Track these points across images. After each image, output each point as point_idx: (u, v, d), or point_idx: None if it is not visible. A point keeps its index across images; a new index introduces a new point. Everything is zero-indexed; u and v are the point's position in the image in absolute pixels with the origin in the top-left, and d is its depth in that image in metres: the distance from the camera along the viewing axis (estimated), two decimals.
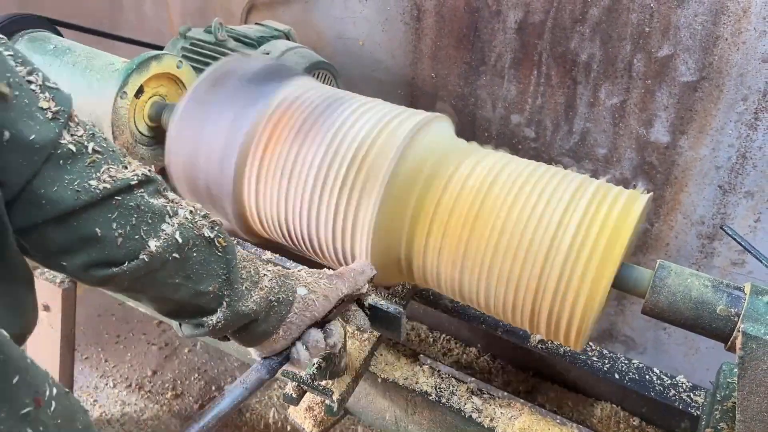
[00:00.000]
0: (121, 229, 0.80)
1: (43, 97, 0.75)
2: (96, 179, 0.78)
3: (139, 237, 0.82)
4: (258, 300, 0.95)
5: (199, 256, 0.89)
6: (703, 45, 1.67)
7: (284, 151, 1.23)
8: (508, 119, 2.07)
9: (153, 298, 0.90)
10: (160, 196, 0.86)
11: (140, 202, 0.82)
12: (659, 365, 2.26)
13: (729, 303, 1.02)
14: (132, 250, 0.81)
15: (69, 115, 0.78)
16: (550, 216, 1.07)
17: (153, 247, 0.82)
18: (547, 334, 1.13)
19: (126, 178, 0.81)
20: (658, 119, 1.82)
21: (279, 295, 0.98)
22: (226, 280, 0.92)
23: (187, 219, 0.87)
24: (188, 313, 0.93)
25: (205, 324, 0.92)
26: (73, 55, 1.57)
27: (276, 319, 0.98)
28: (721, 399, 1.25)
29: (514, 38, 1.92)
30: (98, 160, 0.79)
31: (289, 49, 1.88)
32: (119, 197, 0.80)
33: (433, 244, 1.17)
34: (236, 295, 0.93)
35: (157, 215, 0.84)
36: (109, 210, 0.79)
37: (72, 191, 0.76)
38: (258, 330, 0.97)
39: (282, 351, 1.02)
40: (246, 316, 0.94)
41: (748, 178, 1.78)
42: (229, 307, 0.92)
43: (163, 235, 0.83)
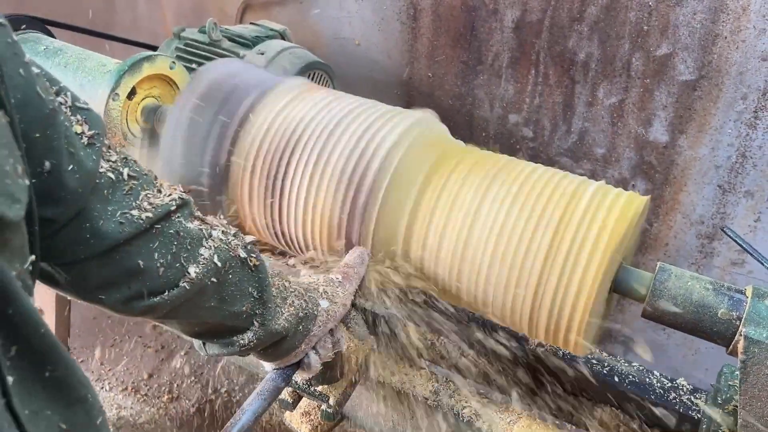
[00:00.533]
0: (163, 258, 0.76)
1: (75, 120, 0.69)
2: (137, 208, 0.74)
3: (180, 264, 0.78)
4: (288, 317, 0.93)
5: (235, 277, 0.86)
6: (702, 43, 1.65)
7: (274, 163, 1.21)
8: (506, 119, 2.05)
9: (186, 323, 0.88)
10: (194, 219, 0.83)
11: (179, 228, 0.79)
12: (658, 366, 2.25)
13: (730, 306, 1.01)
14: (173, 279, 0.78)
15: (103, 140, 0.72)
16: (548, 219, 1.06)
17: (193, 273, 0.79)
18: (546, 338, 1.11)
19: (165, 204, 0.77)
20: (656, 118, 1.81)
21: (306, 310, 0.96)
22: (258, 299, 0.89)
23: (222, 240, 0.84)
24: (219, 334, 0.91)
25: (236, 343, 0.90)
26: (64, 56, 1.55)
27: (302, 334, 0.96)
28: (722, 402, 1.23)
29: (511, 37, 1.91)
30: (135, 187, 0.75)
31: (284, 49, 1.86)
32: (159, 225, 0.76)
33: (430, 248, 1.15)
34: (269, 314, 0.90)
35: (195, 240, 0.81)
36: (150, 240, 0.75)
37: (116, 223, 0.72)
38: (286, 346, 0.96)
39: None
40: (278, 333, 0.92)
41: (747, 178, 1.76)
42: (262, 326, 0.90)
43: (202, 260, 0.80)
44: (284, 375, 1.01)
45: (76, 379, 0.61)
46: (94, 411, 0.62)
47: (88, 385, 0.62)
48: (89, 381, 0.63)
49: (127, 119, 1.52)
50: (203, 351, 0.95)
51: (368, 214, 1.17)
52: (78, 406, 0.60)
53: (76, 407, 0.60)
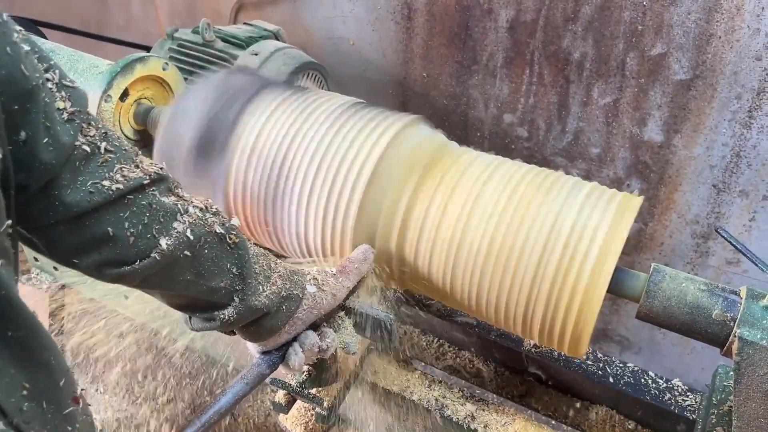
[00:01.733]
0: (133, 228, 0.80)
1: (60, 96, 0.73)
2: (109, 179, 0.77)
3: (151, 236, 0.81)
4: (269, 295, 0.95)
5: (211, 252, 0.88)
6: (697, 43, 1.65)
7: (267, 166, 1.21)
8: (501, 119, 2.05)
9: (165, 294, 0.91)
10: (171, 194, 0.86)
11: (152, 200, 0.82)
12: (654, 365, 2.26)
13: (725, 307, 1.01)
14: (144, 249, 0.81)
15: (85, 115, 0.77)
16: (542, 220, 1.05)
17: (164, 245, 0.82)
18: (541, 339, 1.11)
19: (138, 177, 0.80)
20: (651, 118, 1.81)
21: (290, 291, 0.98)
22: (238, 275, 0.92)
23: (198, 216, 0.87)
24: (200, 308, 0.93)
25: (217, 318, 0.92)
26: (55, 57, 1.54)
27: (285, 314, 0.98)
28: (717, 403, 1.23)
29: (506, 37, 1.90)
30: (111, 160, 0.79)
31: (278, 49, 1.85)
32: (131, 196, 0.80)
33: (423, 249, 1.15)
34: (249, 290, 0.92)
35: (168, 213, 0.83)
36: (121, 209, 0.79)
37: (85, 192, 0.75)
38: (267, 325, 0.97)
39: (282, 346, 1.02)
40: (258, 310, 0.94)
41: (742, 177, 1.76)
42: (243, 302, 0.92)
43: (175, 233, 0.83)
44: (270, 362, 1.01)
45: (40, 342, 0.65)
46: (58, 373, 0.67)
47: (54, 350, 0.67)
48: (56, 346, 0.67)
49: (120, 121, 1.51)
50: (189, 325, 0.98)
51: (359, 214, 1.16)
52: (42, 368, 0.65)
53: (40, 369, 0.65)
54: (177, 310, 0.97)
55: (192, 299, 0.91)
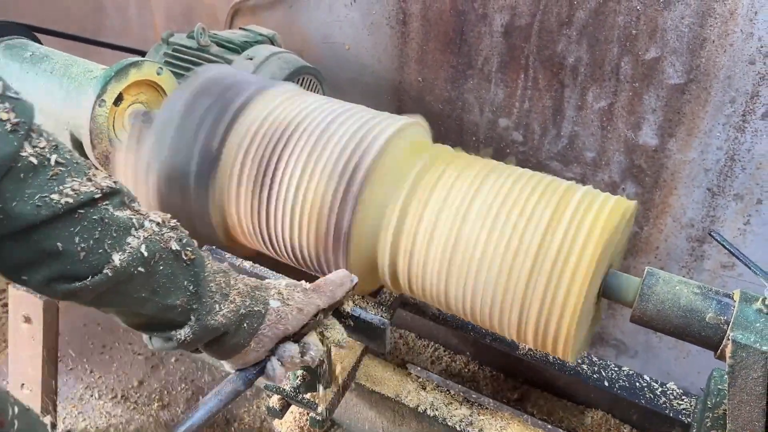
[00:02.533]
0: (84, 243, 0.77)
1: (2, 107, 0.72)
2: (58, 193, 0.75)
3: (103, 251, 0.79)
4: (227, 313, 0.92)
5: (166, 269, 0.86)
6: (691, 47, 1.65)
7: (263, 159, 1.21)
8: (496, 123, 2.05)
9: (119, 312, 0.88)
10: (125, 208, 0.84)
11: (104, 215, 0.80)
12: (650, 369, 2.26)
13: (718, 311, 1.01)
14: (95, 264, 0.78)
15: (30, 127, 0.75)
16: (536, 224, 1.05)
17: (117, 261, 0.79)
18: (535, 343, 1.10)
19: (89, 191, 0.78)
20: (646, 122, 1.81)
21: (250, 308, 0.95)
22: (194, 293, 0.89)
23: (153, 231, 0.85)
24: (156, 327, 0.91)
25: (174, 338, 0.90)
26: (50, 62, 1.54)
27: (247, 332, 0.95)
28: (712, 406, 1.23)
29: (500, 42, 1.91)
30: (61, 173, 0.77)
31: (273, 54, 1.86)
32: (82, 210, 0.77)
33: (418, 254, 1.15)
34: (205, 309, 0.90)
35: (122, 228, 0.81)
36: (71, 224, 0.77)
37: (32, 206, 0.73)
38: (229, 343, 0.95)
39: (256, 363, 1.00)
40: (215, 330, 0.92)
41: (736, 181, 1.77)
42: (198, 321, 0.90)
43: (128, 249, 0.81)
44: (245, 378, 1.00)
45: None
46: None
47: None
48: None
49: (114, 125, 1.51)
50: (150, 344, 0.96)
51: (354, 214, 1.16)
52: None
53: None
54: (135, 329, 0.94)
55: (148, 318, 0.89)
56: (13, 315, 1.94)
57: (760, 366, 0.96)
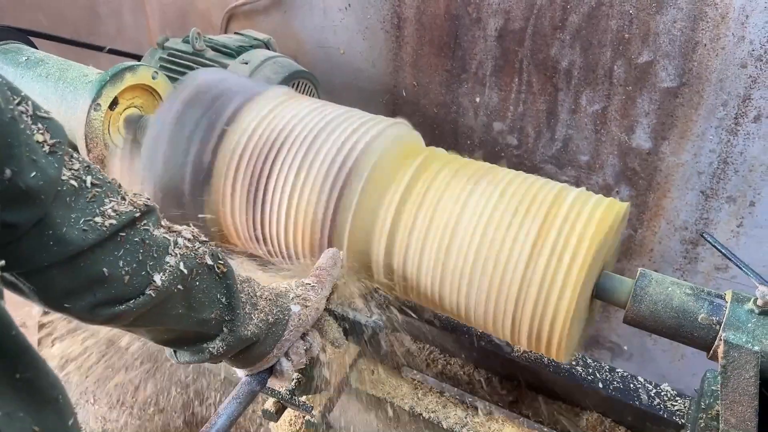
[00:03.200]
0: (128, 266, 0.77)
1: (36, 128, 0.69)
2: (101, 215, 0.74)
3: (146, 272, 0.79)
4: (258, 323, 0.93)
5: (202, 284, 0.86)
6: (683, 51, 1.67)
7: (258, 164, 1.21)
8: (491, 127, 2.06)
9: (153, 330, 0.88)
10: (160, 226, 0.84)
11: (144, 236, 0.80)
12: (645, 372, 2.26)
13: (710, 311, 1.01)
14: (138, 287, 0.78)
15: (65, 148, 0.73)
16: (529, 225, 1.06)
17: (159, 281, 0.79)
18: (529, 344, 1.11)
19: (129, 211, 0.78)
20: (639, 125, 1.82)
21: (277, 315, 0.96)
22: (227, 305, 0.90)
23: (188, 248, 0.85)
24: (188, 341, 0.91)
25: (206, 350, 0.90)
26: (45, 66, 1.54)
27: (273, 339, 0.96)
28: (705, 407, 1.23)
29: (494, 46, 1.92)
30: (98, 194, 0.76)
31: (268, 58, 1.86)
32: (124, 233, 0.77)
33: (412, 256, 1.15)
34: (238, 320, 0.91)
35: (161, 248, 0.81)
36: (116, 248, 0.76)
37: (79, 230, 0.72)
38: (257, 352, 0.96)
39: None
40: (248, 339, 0.92)
41: (729, 183, 1.78)
42: (232, 332, 0.90)
43: (168, 268, 0.81)
44: (259, 379, 1.01)
45: (48, 381, 0.61)
46: (66, 412, 0.64)
47: (59, 387, 0.63)
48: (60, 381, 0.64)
49: (110, 130, 1.51)
50: (174, 359, 0.96)
51: (348, 219, 1.17)
52: (49, 408, 0.61)
53: (48, 409, 0.61)
54: (163, 345, 0.94)
55: (181, 333, 0.89)
56: None
57: (752, 366, 0.96)
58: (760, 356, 0.95)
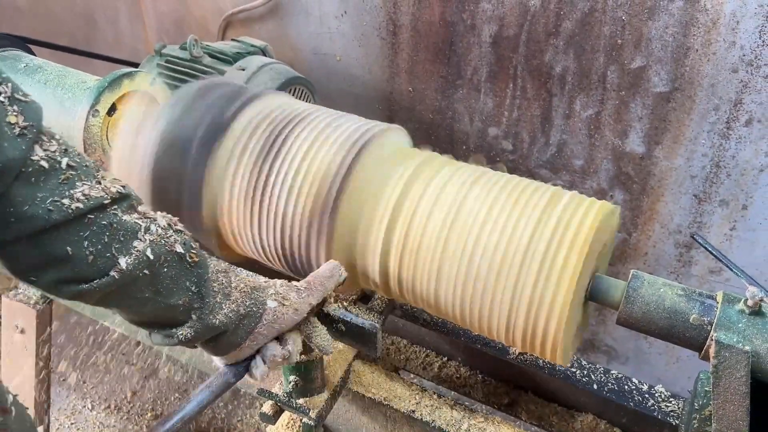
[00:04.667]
0: (93, 247, 0.79)
1: (12, 110, 0.73)
2: (69, 197, 0.77)
3: (111, 255, 0.81)
4: (228, 313, 0.95)
5: (171, 271, 0.89)
6: (675, 56, 1.69)
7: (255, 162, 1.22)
8: (486, 132, 2.08)
9: (123, 310, 0.91)
10: (133, 212, 0.86)
11: (113, 220, 0.82)
12: (641, 375, 2.27)
13: (701, 312, 1.03)
14: (103, 268, 0.81)
15: (38, 130, 0.76)
16: (523, 228, 1.07)
17: (124, 264, 0.82)
18: (523, 346, 1.12)
19: (99, 196, 0.80)
20: (632, 130, 1.84)
21: (250, 308, 0.98)
22: (196, 293, 0.92)
23: (159, 235, 0.87)
24: (158, 324, 0.94)
25: (175, 335, 0.93)
26: (44, 73, 1.56)
27: (245, 331, 0.98)
28: (699, 408, 1.24)
29: (489, 52, 1.94)
30: (72, 177, 0.78)
31: (265, 64, 1.88)
32: (92, 215, 0.79)
33: (408, 258, 1.17)
34: (207, 308, 0.93)
35: (129, 232, 0.83)
36: (81, 229, 0.78)
37: (44, 210, 0.74)
38: (226, 341, 0.98)
39: (246, 358, 1.02)
40: (216, 328, 0.94)
41: (722, 187, 1.80)
42: (200, 320, 0.92)
43: (135, 252, 0.83)
44: (236, 372, 1.02)
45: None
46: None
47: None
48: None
49: (108, 135, 1.53)
50: (149, 341, 0.98)
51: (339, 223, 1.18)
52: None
53: None
54: (137, 326, 0.96)
55: (151, 316, 0.91)
56: (6, 325, 1.95)
57: (743, 365, 0.98)
58: (751, 356, 0.96)
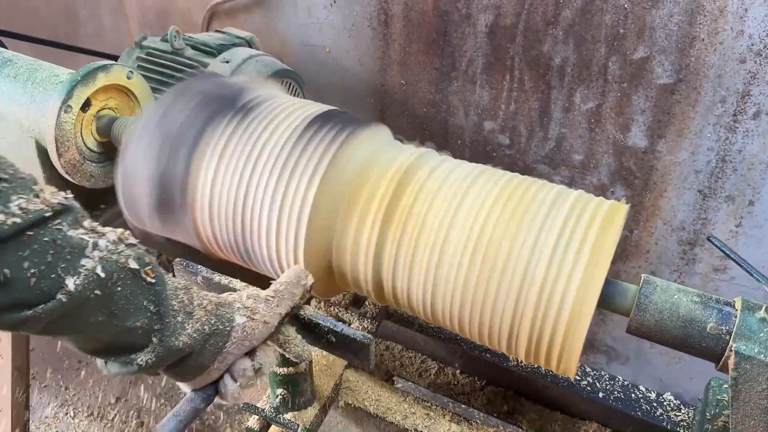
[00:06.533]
0: (35, 268, 0.70)
1: None
2: (3, 213, 0.68)
3: (56, 275, 0.72)
4: (192, 333, 0.87)
5: (125, 290, 0.80)
6: (680, 46, 1.61)
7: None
8: (482, 126, 2.00)
9: (73, 339, 0.81)
10: (79, 227, 0.77)
11: (56, 236, 0.73)
12: (642, 376, 2.21)
13: (719, 320, 0.96)
14: (47, 291, 0.71)
15: None
16: (527, 230, 1.00)
17: (72, 285, 0.72)
18: (527, 357, 1.05)
19: (39, 209, 0.71)
20: (635, 123, 1.77)
21: (216, 326, 0.90)
22: (155, 313, 0.83)
23: (110, 250, 0.78)
24: (115, 351, 0.84)
25: (134, 362, 0.84)
26: (14, 67, 1.46)
27: (211, 352, 0.90)
28: (711, 418, 1.18)
29: (485, 42, 1.86)
30: (5, 190, 0.69)
31: (251, 57, 1.79)
32: (32, 232, 0.70)
33: (402, 262, 1.09)
34: (168, 330, 0.84)
35: (76, 249, 0.74)
36: (19, 248, 0.69)
37: None
38: (192, 364, 0.89)
39: (214, 381, 0.94)
40: (180, 351, 0.86)
41: (728, 182, 1.73)
42: (161, 343, 0.84)
43: (83, 271, 0.74)
44: (204, 396, 0.93)
45: None
46: None
47: None
48: None
49: (82, 133, 1.44)
50: (105, 370, 0.89)
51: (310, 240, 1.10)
52: None
53: None
54: (90, 355, 0.86)
55: (106, 343, 0.82)
56: None
57: (764, 378, 0.91)
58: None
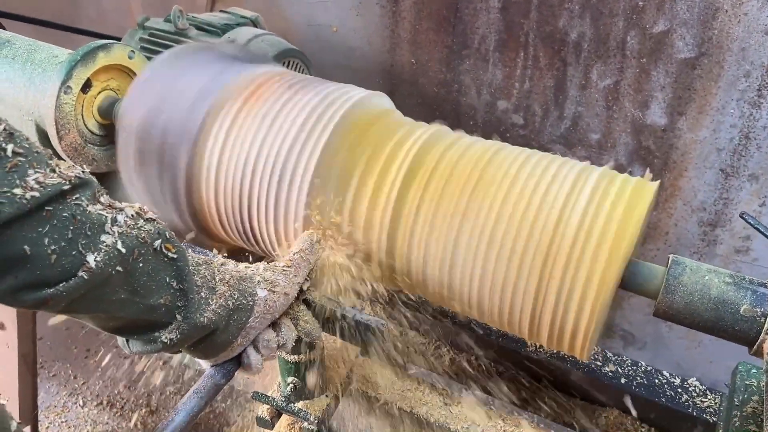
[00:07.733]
0: (55, 244, 0.68)
1: None
2: (21, 187, 0.65)
3: (77, 252, 0.70)
4: (216, 309, 0.85)
5: (146, 266, 0.77)
6: (702, 18, 1.55)
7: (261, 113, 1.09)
8: (495, 106, 1.94)
9: (95, 317, 0.79)
10: (96, 202, 0.74)
11: (76, 211, 0.70)
12: (660, 360, 2.16)
13: (754, 302, 0.90)
14: (69, 268, 0.69)
15: None
16: (549, 207, 0.94)
17: (93, 262, 0.70)
18: (550, 342, 1.00)
19: (57, 183, 0.68)
20: (654, 100, 1.70)
21: (240, 300, 0.88)
22: (179, 290, 0.81)
23: (129, 226, 0.76)
24: (138, 329, 0.82)
25: (158, 340, 0.82)
26: (12, 48, 1.42)
27: (236, 327, 0.88)
28: (739, 404, 1.13)
29: (498, 18, 1.79)
30: (21, 164, 0.66)
31: (256, 36, 1.74)
32: (51, 207, 0.68)
33: (418, 241, 1.04)
34: (192, 306, 0.82)
35: (96, 225, 0.72)
36: (39, 223, 0.67)
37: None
38: (217, 341, 0.87)
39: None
40: (205, 328, 0.84)
41: (751, 160, 1.67)
42: (186, 320, 0.81)
43: (104, 248, 0.72)
44: (224, 371, 0.91)
45: None
46: None
47: None
48: None
49: (83, 114, 1.39)
50: (127, 348, 0.87)
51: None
52: None
53: None
54: (112, 333, 0.85)
55: (129, 321, 0.80)
56: None
57: None
58: None
